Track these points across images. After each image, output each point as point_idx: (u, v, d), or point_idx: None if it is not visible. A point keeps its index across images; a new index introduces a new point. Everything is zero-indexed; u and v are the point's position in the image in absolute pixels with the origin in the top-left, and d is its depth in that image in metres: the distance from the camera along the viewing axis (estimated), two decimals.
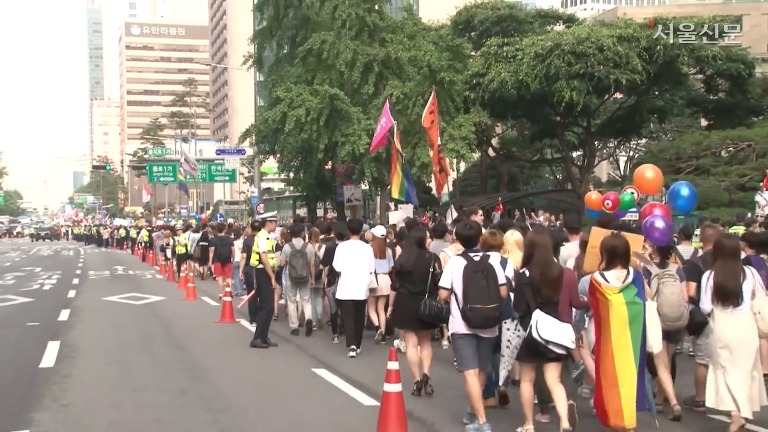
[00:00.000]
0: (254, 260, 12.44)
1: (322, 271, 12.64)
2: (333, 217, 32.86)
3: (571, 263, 8.16)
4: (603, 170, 57.12)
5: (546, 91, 28.84)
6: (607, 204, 13.37)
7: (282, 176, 43.55)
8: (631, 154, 48.67)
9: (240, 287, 17.93)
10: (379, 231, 12.15)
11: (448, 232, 11.68)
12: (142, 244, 39.66)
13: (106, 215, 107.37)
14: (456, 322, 7.19)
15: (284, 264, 12.94)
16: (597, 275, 6.73)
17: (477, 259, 7.20)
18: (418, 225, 11.45)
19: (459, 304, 7.11)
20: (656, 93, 33.72)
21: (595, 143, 38.29)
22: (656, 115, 36.21)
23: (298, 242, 12.81)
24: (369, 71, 28.69)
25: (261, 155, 38.15)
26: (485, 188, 41.50)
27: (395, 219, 17.87)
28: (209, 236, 21.95)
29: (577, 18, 41.55)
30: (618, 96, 34.46)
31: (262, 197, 48.54)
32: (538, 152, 45.21)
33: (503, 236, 8.16)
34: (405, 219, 16.28)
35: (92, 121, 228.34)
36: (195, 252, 23.34)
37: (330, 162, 33.14)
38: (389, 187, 21.39)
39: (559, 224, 18.08)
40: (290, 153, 31.86)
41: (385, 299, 11.65)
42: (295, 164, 34.57)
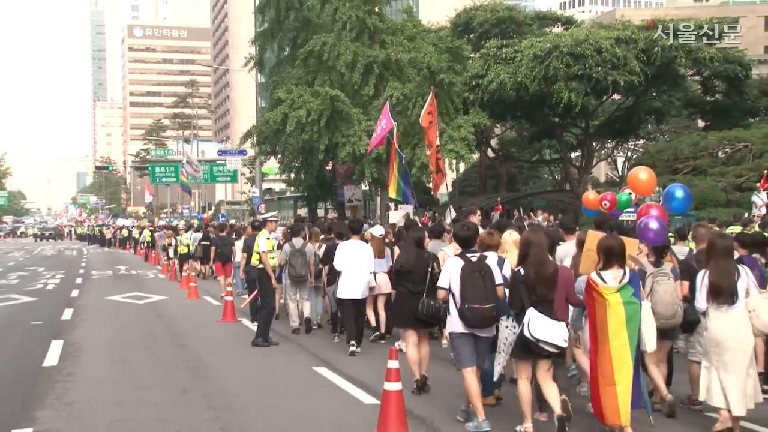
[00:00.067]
0: (255, 260, 12.45)
1: (322, 271, 12.67)
2: (334, 217, 32.88)
3: (568, 262, 8.16)
4: (601, 171, 57.13)
5: (545, 93, 28.86)
6: (605, 204, 13.37)
7: (283, 177, 43.58)
8: (629, 155, 48.69)
9: (241, 286, 17.94)
10: (378, 231, 12.17)
11: (446, 232, 11.70)
12: (145, 244, 39.66)
13: (109, 215, 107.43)
14: (454, 322, 7.23)
15: (284, 263, 12.95)
16: (594, 275, 6.76)
17: (474, 260, 7.23)
18: (417, 225, 11.44)
19: (456, 304, 7.15)
20: (654, 94, 33.75)
21: (594, 144, 38.31)
22: (654, 116, 36.24)
23: (298, 241, 12.83)
24: (369, 73, 28.70)
25: (262, 156, 38.17)
26: (484, 188, 41.50)
27: (395, 218, 17.88)
28: (210, 236, 22.01)
29: (576, 20, 41.56)
30: (616, 97, 34.50)
31: (264, 197, 48.56)
32: (537, 153, 45.25)
33: (500, 236, 8.16)
34: (404, 218, 16.28)
35: (95, 122, 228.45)
36: (196, 251, 23.37)
37: (330, 163, 33.15)
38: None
39: (556, 224, 18.07)
40: (291, 154, 31.88)
41: (385, 298, 11.66)
42: (296, 165, 34.59)
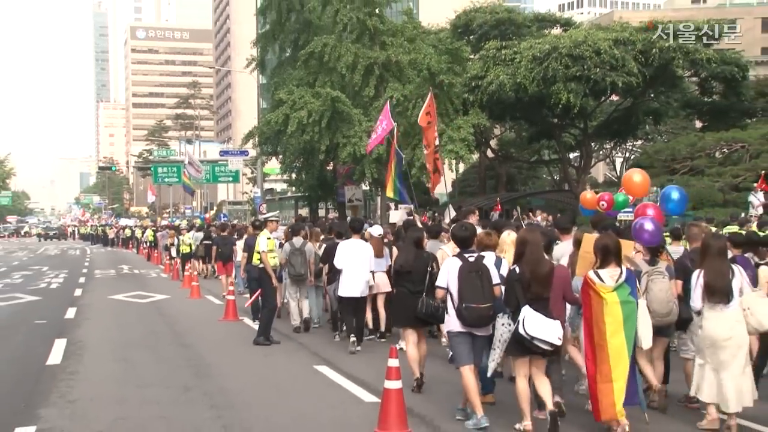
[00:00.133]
0: (256, 259, 12.48)
1: (322, 270, 12.70)
2: (334, 217, 32.88)
3: (565, 261, 8.20)
4: (599, 171, 57.12)
5: (543, 94, 28.84)
6: (602, 204, 13.40)
7: (284, 177, 43.60)
8: (627, 156, 48.68)
9: (243, 285, 17.99)
10: (376, 231, 12.21)
11: (444, 231, 11.77)
12: (147, 244, 39.67)
13: (112, 215, 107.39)
14: (451, 321, 7.28)
15: (284, 262, 12.97)
16: (592, 274, 6.81)
17: (472, 260, 7.26)
18: (416, 225, 11.46)
19: (454, 304, 7.19)
20: (652, 95, 33.73)
21: (592, 144, 38.29)
22: (652, 117, 36.21)
23: (298, 241, 12.88)
24: (370, 74, 28.70)
25: (264, 156, 38.17)
26: (484, 189, 41.49)
27: (396, 218, 17.92)
28: (212, 235, 22.13)
29: (574, 22, 41.53)
30: (614, 98, 34.47)
31: (265, 198, 48.59)
32: (536, 153, 45.22)
33: (498, 236, 8.20)
34: (407, 214, 16.31)
35: (98, 123, 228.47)
36: (198, 251, 23.48)
37: (331, 163, 33.16)
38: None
39: (551, 224, 18.11)
40: (292, 154, 31.88)
41: (384, 296, 11.67)
42: (297, 165, 34.60)
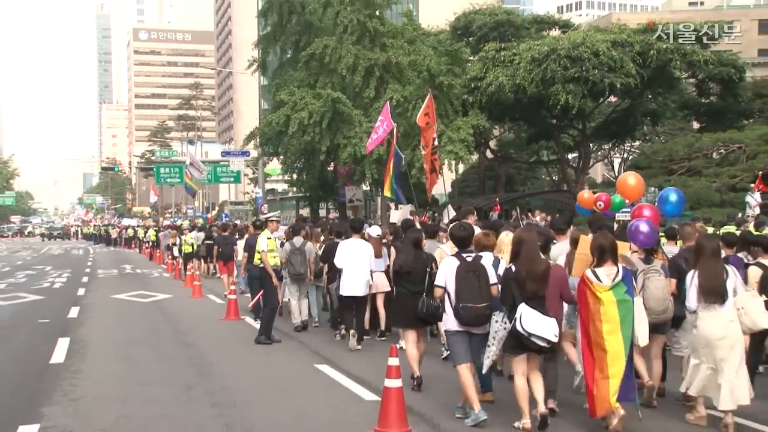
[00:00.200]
0: (257, 259, 12.52)
1: (323, 269, 12.72)
2: (335, 217, 32.88)
3: (562, 261, 8.23)
4: (598, 171, 57.07)
5: (542, 95, 28.83)
6: (599, 204, 13.40)
7: (285, 177, 43.55)
8: (626, 156, 48.68)
9: (244, 284, 17.99)
10: (375, 231, 12.24)
11: (442, 231, 11.82)
12: (149, 244, 39.67)
13: (115, 215, 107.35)
14: (449, 320, 7.33)
15: (284, 261, 13.00)
16: (589, 272, 6.87)
17: (469, 260, 7.31)
18: (414, 226, 11.46)
19: (452, 303, 7.23)
20: (649, 96, 33.72)
21: (590, 145, 38.27)
22: (649, 118, 36.19)
23: (298, 240, 12.92)
24: (370, 75, 28.71)
25: (265, 157, 38.17)
26: (483, 189, 41.50)
27: (396, 218, 17.92)
28: (213, 235, 22.24)
29: (573, 24, 41.51)
30: (612, 99, 34.46)
31: (266, 198, 48.57)
32: (535, 154, 45.21)
33: (496, 237, 8.24)
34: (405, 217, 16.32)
35: (101, 124, 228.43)
36: (200, 250, 23.56)
37: (332, 163, 33.17)
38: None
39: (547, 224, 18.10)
40: (293, 155, 31.89)
41: (383, 296, 11.67)
42: (298, 166, 34.60)
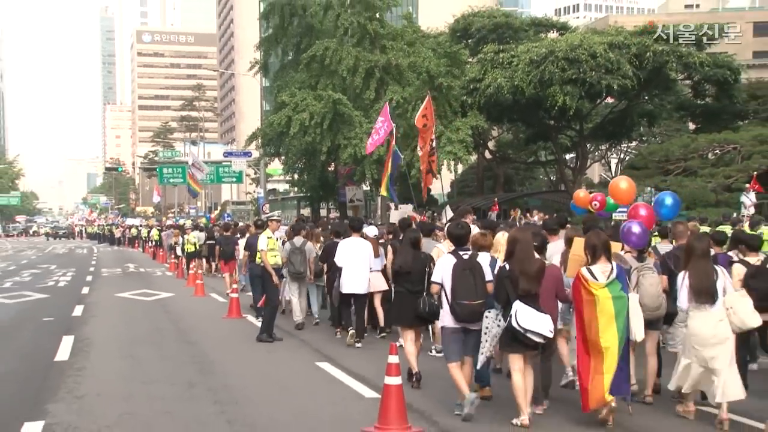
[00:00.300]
0: (258, 258, 12.54)
1: (323, 269, 12.73)
2: (335, 217, 32.88)
3: (556, 260, 8.25)
4: (595, 172, 57.08)
5: (540, 96, 28.85)
6: (595, 204, 13.38)
7: (287, 177, 43.63)
8: (622, 157, 48.69)
9: (245, 280, 17.99)
10: (372, 231, 12.26)
11: (439, 230, 11.85)
12: (153, 243, 39.65)
13: (118, 215, 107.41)
14: (446, 317, 7.39)
15: (285, 260, 13.01)
16: (584, 270, 6.91)
17: (466, 258, 7.36)
18: (412, 226, 11.47)
19: (448, 300, 7.30)
20: (646, 98, 33.74)
21: (588, 146, 38.28)
22: (646, 119, 36.22)
23: (298, 240, 12.93)
24: (370, 77, 28.73)
25: (266, 157, 38.19)
26: (482, 189, 41.51)
27: (396, 218, 17.94)
28: (215, 235, 22.25)
29: (570, 26, 41.56)
30: (609, 100, 34.48)
31: (268, 198, 48.55)
32: (533, 154, 45.22)
33: (493, 237, 8.28)
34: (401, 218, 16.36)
35: (105, 125, 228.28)
36: (202, 250, 23.61)
37: (333, 164, 33.19)
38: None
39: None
40: (294, 155, 31.90)
41: (381, 295, 11.67)
42: (299, 166, 34.62)
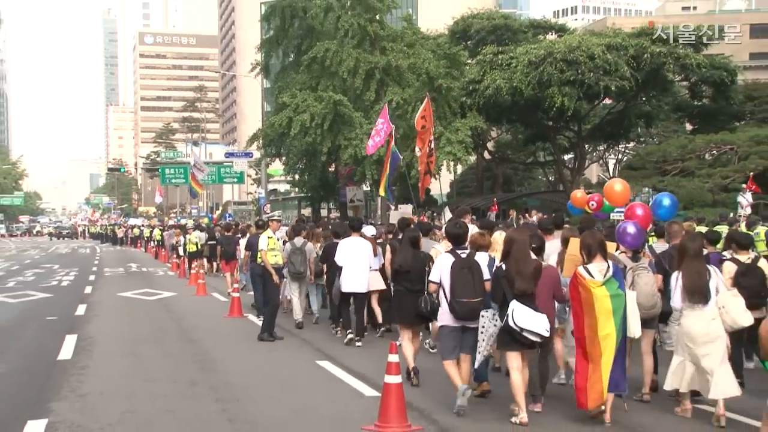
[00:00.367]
0: (259, 258, 12.55)
1: (323, 269, 12.73)
2: (336, 217, 32.88)
3: (554, 259, 8.27)
4: (593, 172, 57.05)
5: (539, 97, 28.84)
6: (592, 205, 13.36)
7: (288, 178, 43.59)
8: (620, 157, 48.68)
9: (245, 279, 18.02)
10: (369, 231, 12.27)
11: (437, 229, 11.87)
12: (155, 243, 39.65)
13: (121, 215, 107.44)
14: (444, 315, 7.43)
15: (286, 260, 13.02)
16: (581, 269, 6.93)
17: (464, 257, 7.42)
18: (411, 226, 11.49)
19: (447, 298, 7.34)
20: (643, 99, 33.72)
21: (586, 146, 38.27)
22: (643, 120, 36.19)
23: (299, 240, 12.93)
24: (370, 78, 28.73)
25: (268, 158, 38.18)
26: (481, 189, 41.50)
27: (395, 219, 17.95)
28: (216, 235, 22.25)
29: (569, 28, 41.52)
30: (607, 102, 34.44)
31: (269, 198, 48.52)
32: (532, 155, 45.20)
33: (491, 237, 8.32)
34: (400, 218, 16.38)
35: (108, 126, 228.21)
36: (204, 251, 23.61)
37: (333, 164, 33.18)
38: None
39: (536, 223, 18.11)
40: (295, 156, 31.89)
41: (378, 294, 11.68)
42: (300, 166, 34.62)
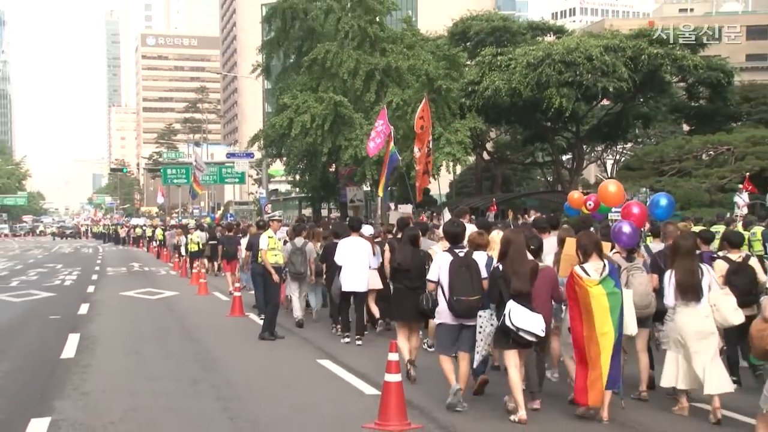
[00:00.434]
0: (260, 258, 12.55)
1: (323, 268, 12.74)
2: (336, 217, 32.86)
3: (550, 259, 8.30)
4: (591, 173, 57.07)
5: (537, 98, 28.84)
6: (589, 205, 13.36)
7: (288, 178, 43.58)
8: (618, 158, 48.69)
9: (245, 279, 18.00)
10: (368, 231, 12.29)
11: (435, 228, 11.88)
12: (157, 242, 39.66)
13: (123, 215, 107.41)
14: (443, 313, 7.46)
15: (286, 260, 13.03)
16: (578, 268, 6.97)
17: (462, 255, 7.46)
18: (410, 225, 11.50)
19: (446, 296, 7.36)
20: (641, 100, 33.71)
21: (584, 147, 38.25)
22: (641, 121, 36.19)
23: (299, 240, 12.93)
24: (370, 79, 28.71)
25: (269, 158, 38.17)
26: (480, 189, 41.49)
27: (395, 219, 17.96)
28: (217, 235, 22.26)
29: (567, 29, 41.49)
30: (605, 103, 34.44)
31: (270, 198, 48.52)
32: (530, 155, 45.19)
33: (489, 236, 8.36)
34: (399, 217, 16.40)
35: (110, 127, 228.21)
36: (205, 250, 23.59)
37: (334, 165, 33.15)
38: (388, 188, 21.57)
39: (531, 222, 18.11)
40: (296, 156, 31.87)
41: (375, 293, 11.69)
42: (301, 167, 34.60)
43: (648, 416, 7.28)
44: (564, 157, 41.92)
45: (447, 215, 17.04)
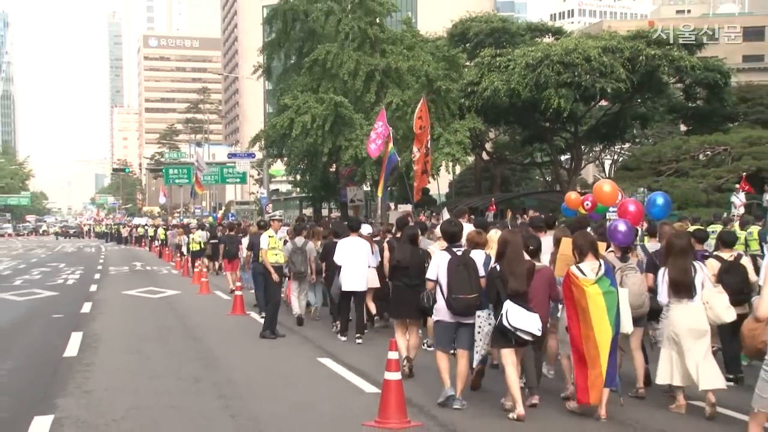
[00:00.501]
0: (261, 257, 12.57)
1: (322, 267, 12.76)
2: (337, 217, 32.87)
3: (546, 258, 8.32)
4: (589, 173, 57.10)
5: (536, 99, 28.86)
6: (587, 205, 13.36)
7: (289, 178, 43.58)
8: (616, 158, 48.70)
9: (248, 280, 18.00)
10: (366, 230, 12.31)
11: (433, 227, 11.93)
12: (159, 242, 39.66)
13: (125, 215, 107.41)
14: (441, 311, 7.49)
15: (287, 260, 13.04)
16: (574, 268, 6.99)
17: (459, 254, 7.48)
18: (409, 224, 11.51)
19: (444, 294, 7.39)
20: (639, 101, 33.74)
21: (582, 147, 38.29)
22: (639, 122, 36.22)
23: (299, 240, 12.96)
24: (371, 80, 28.71)
25: (270, 158, 38.19)
26: (479, 189, 41.49)
27: (394, 218, 17.97)
28: (218, 234, 22.28)
29: (565, 31, 41.51)
30: (603, 103, 34.47)
31: (271, 198, 48.53)
32: (529, 156, 45.20)
33: (487, 235, 8.39)
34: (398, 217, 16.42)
35: (113, 127, 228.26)
36: (207, 249, 23.60)
37: (334, 165, 33.16)
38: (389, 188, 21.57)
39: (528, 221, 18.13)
40: (297, 156, 31.88)
41: (372, 291, 11.70)
42: (302, 167, 34.61)
43: (645, 414, 7.29)
44: (562, 158, 41.94)
45: (446, 215, 17.05)
